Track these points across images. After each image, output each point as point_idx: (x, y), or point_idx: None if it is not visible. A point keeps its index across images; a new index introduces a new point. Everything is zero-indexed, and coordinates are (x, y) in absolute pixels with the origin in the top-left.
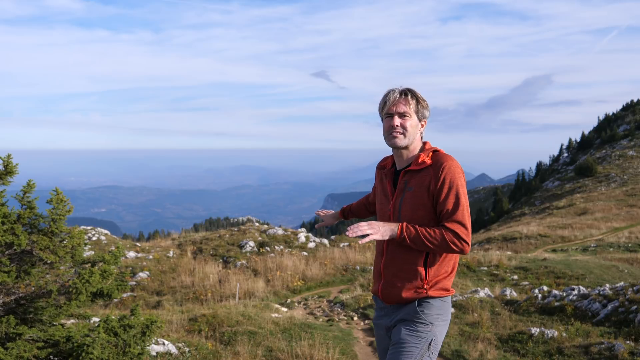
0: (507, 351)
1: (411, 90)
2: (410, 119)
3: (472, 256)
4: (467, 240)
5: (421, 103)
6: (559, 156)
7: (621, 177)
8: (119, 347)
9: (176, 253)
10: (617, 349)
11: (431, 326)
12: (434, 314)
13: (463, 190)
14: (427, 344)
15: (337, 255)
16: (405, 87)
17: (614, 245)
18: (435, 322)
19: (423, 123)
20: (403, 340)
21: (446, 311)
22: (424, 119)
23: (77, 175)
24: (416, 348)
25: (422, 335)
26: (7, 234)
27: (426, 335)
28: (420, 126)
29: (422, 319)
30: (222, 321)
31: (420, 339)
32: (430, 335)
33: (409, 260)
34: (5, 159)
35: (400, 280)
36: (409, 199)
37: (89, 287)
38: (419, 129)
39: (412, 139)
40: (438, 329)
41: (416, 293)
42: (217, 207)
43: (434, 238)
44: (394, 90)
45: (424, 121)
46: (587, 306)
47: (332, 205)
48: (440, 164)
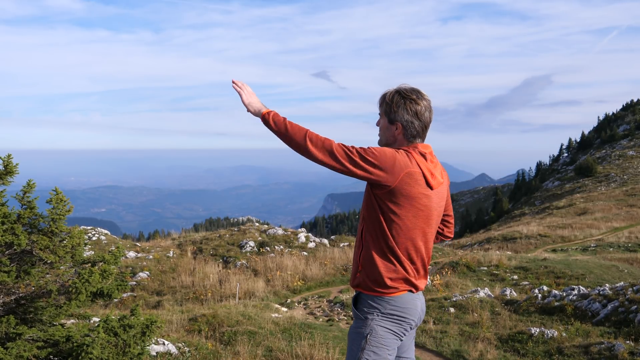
0: (507, 351)
1: (388, 92)
2: (381, 120)
3: (472, 256)
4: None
5: (389, 105)
6: (559, 156)
7: (621, 177)
8: (119, 347)
9: (176, 253)
10: (617, 349)
11: (366, 320)
12: (369, 309)
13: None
14: (364, 339)
15: (337, 255)
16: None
17: (614, 245)
18: (371, 317)
19: (397, 125)
20: (348, 337)
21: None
22: (397, 121)
23: (77, 175)
24: (354, 343)
25: (359, 330)
26: (7, 234)
27: (362, 330)
28: (394, 128)
29: (358, 314)
30: (222, 321)
31: (357, 334)
32: (366, 330)
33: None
34: (5, 159)
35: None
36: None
37: (89, 287)
38: (394, 131)
39: (384, 140)
40: (376, 322)
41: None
42: (217, 207)
43: (295, 127)
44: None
45: (397, 124)
46: (587, 306)
47: (332, 205)
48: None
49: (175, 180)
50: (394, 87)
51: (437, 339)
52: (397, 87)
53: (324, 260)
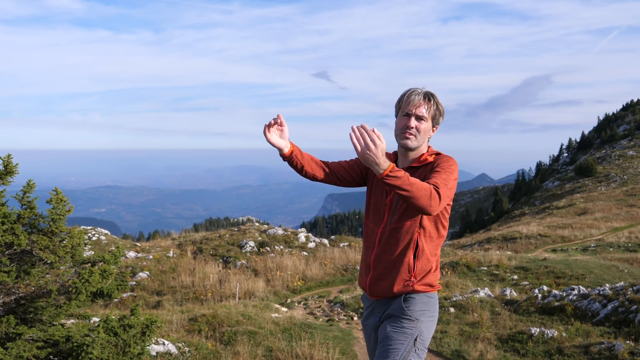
0: (507, 351)
1: (433, 95)
2: (425, 123)
3: (472, 256)
4: (441, 196)
5: (439, 109)
6: (559, 156)
7: (621, 177)
8: (118, 347)
9: (176, 253)
10: (617, 348)
11: (417, 322)
12: (419, 310)
13: (453, 176)
14: (413, 340)
15: (337, 255)
16: (427, 90)
17: (614, 245)
18: (421, 318)
19: (435, 128)
20: (389, 337)
21: (432, 307)
22: (437, 125)
23: (77, 175)
24: (402, 344)
25: (408, 331)
26: (7, 234)
27: (412, 332)
28: (432, 131)
29: (408, 314)
30: (222, 321)
31: (405, 335)
32: (416, 331)
33: (399, 253)
34: (5, 159)
35: (389, 273)
36: None
37: (89, 287)
38: (430, 134)
39: (422, 142)
40: (424, 325)
41: (404, 287)
42: (217, 207)
43: (418, 185)
44: (417, 91)
45: (436, 127)
46: (587, 306)
47: (332, 205)
48: (438, 159)
49: (175, 180)
50: (423, 88)
51: (437, 339)
52: (429, 90)
53: (324, 260)
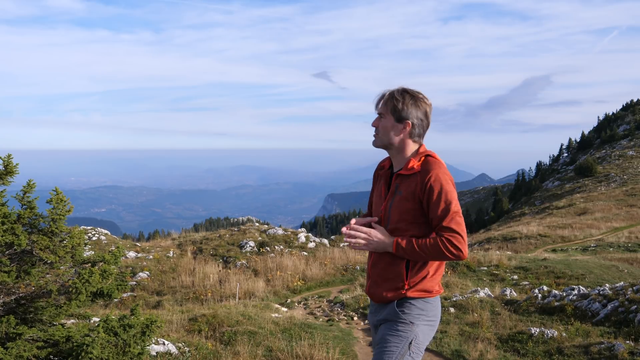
0: (507, 351)
1: (394, 90)
2: (384, 118)
3: (472, 256)
4: (461, 247)
5: (399, 102)
6: (559, 156)
7: (621, 177)
8: (119, 347)
9: (176, 253)
10: (617, 348)
11: (412, 325)
12: (415, 314)
13: (452, 196)
14: (408, 344)
15: (337, 255)
16: (395, 88)
17: (614, 245)
18: (417, 322)
19: (407, 123)
20: (384, 339)
21: (430, 311)
22: (407, 119)
23: (77, 175)
24: (396, 347)
25: (403, 334)
26: (7, 234)
27: (407, 335)
28: (402, 127)
29: (402, 318)
30: (222, 321)
31: (400, 338)
32: (410, 334)
33: (391, 261)
34: (5, 159)
35: (383, 280)
36: (398, 203)
37: (89, 287)
38: (401, 130)
39: (386, 140)
40: (420, 328)
41: (396, 294)
42: (217, 207)
43: (428, 249)
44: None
45: (407, 122)
46: (587, 306)
47: (332, 205)
48: (427, 172)
49: (175, 180)
50: (394, 87)
51: (437, 339)
52: (401, 87)
53: (324, 260)
